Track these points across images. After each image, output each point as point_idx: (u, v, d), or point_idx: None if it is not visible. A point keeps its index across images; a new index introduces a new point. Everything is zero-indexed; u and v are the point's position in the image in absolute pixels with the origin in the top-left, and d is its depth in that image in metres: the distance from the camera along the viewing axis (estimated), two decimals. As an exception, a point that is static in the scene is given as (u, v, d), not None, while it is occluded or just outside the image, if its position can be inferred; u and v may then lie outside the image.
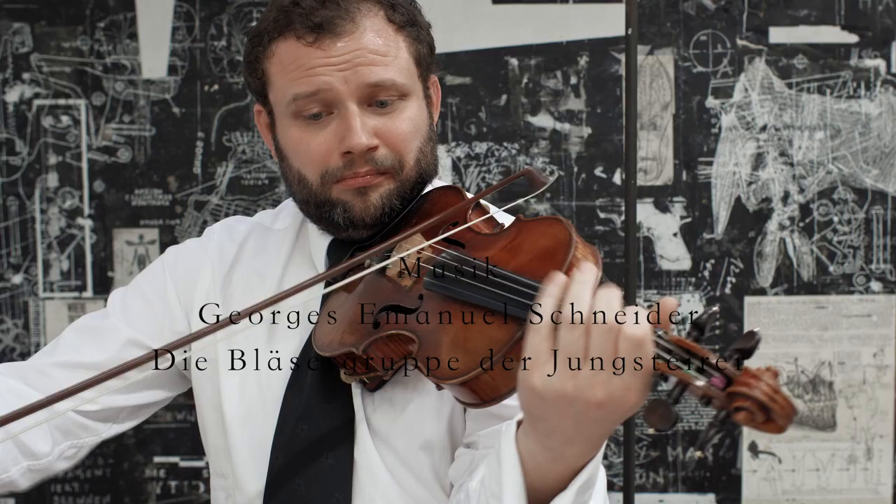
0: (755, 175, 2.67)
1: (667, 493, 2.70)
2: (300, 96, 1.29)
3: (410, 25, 1.34)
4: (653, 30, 2.65)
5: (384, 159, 1.31)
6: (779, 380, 0.95)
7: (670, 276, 2.69)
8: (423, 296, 1.21)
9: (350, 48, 1.28)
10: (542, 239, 1.17)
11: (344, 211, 1.32)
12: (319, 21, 1.28)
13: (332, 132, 1.30)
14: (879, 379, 2.69)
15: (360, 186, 1.31)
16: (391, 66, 1.30)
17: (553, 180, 1.18)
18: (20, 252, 2.68)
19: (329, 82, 1.27)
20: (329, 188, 1.32)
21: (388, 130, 1.31)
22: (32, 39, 2.65)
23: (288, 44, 1.30)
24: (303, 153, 1.32)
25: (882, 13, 2.64)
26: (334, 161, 1.30)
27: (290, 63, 1.30)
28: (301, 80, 1.28)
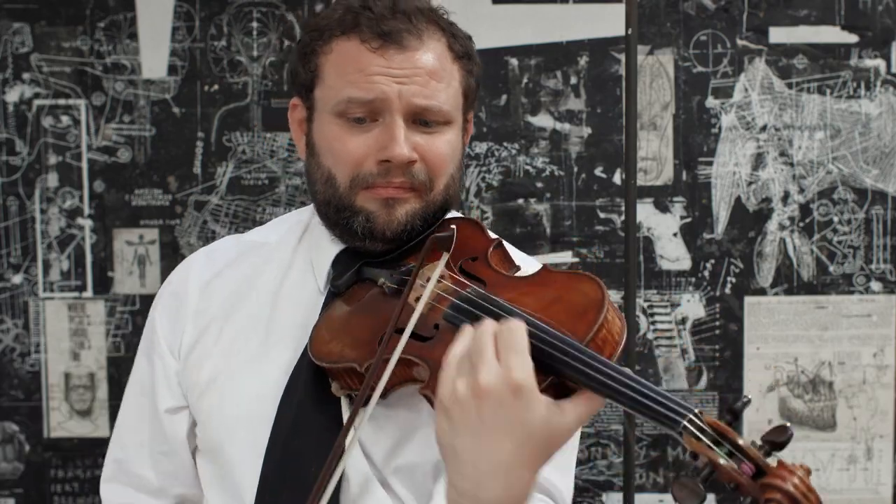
0: (755, 175, 2.67)
1: (667, 493, 2.70)
2: (354, 100, 1.29)
3: (467, 58, 1.37)
4: (653, 30, 2.65)
5: (419, 175, 1.31)
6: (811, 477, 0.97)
7: (670, 276, 2.69)
8: (440, 326, 1.20)
9: (411, 64, 1.29)
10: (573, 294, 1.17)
11: (366, 220, 1.32)
12: (388, 30, 1.29)
13: (374, 138, 1.30)
14: (879, 379, 2.69)
15: (389, 198, 1.31)
16: (442, 93, 1.31)
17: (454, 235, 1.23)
18: (20, 252, 2.68)
19: (385, 91, 1.28)
20: (356, 193, 1.32)
21: (428, 149, 1.31)
22: (32, 39, 2.65)
23: (351, 44, 1.31)
24: (338, 151, 1.32)
25: (882, 13, 2.64)
26: (369, 166, 1.30)
27: (349, 64, 1.31)
28: (359, 83, 1.29)
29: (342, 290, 1.34)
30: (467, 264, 1.26)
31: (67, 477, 2.70)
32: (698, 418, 1.00)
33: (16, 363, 2.69)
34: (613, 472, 2.68)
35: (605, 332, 1.10)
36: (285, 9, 2.65)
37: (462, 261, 1.28)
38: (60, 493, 2.71)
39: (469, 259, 1.27)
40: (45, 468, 2.71)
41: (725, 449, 0.99)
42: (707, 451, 0.98)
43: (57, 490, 2.71)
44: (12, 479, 2.70)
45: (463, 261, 1.28)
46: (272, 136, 2.67)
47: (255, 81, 2.66)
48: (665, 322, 2.69)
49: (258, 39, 2.66)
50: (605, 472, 2.70)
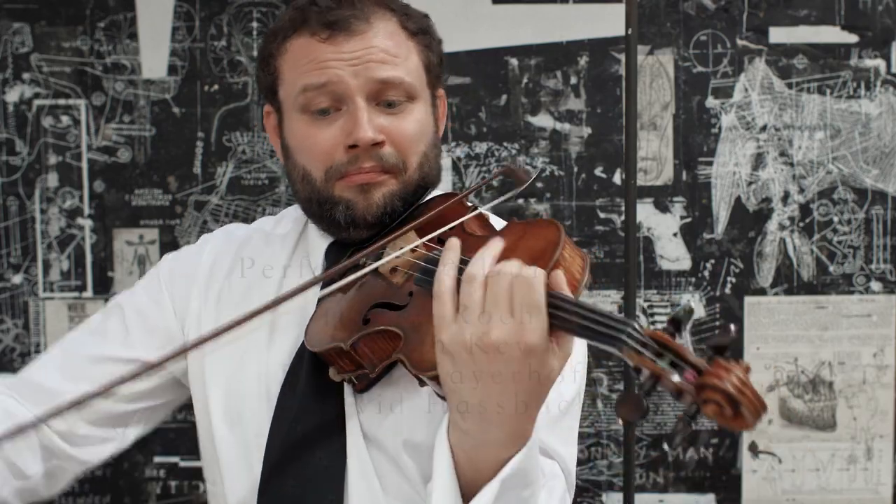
0: (755, 175, 2.67)
1: (667, 493, 2.70)
2: (310, 87, 1.31)
3: (423, 33, 1.38)
4: (653, 30, 2.65)
5: (389, 157, 1.32)
6: (749, 374, 0.94)
7: (670, 276, 2.69)
8: (413, 293, 1.22)
9: (362, 46, 1.31)
10: (532, 240, 1.18)
11: (346, 209, 1.33)
12: (335, 19, 1.31)
13: (339, 127, 1.31)
14: (879, 379, 2.69)
15: (364, 183, 1.32)
16: (401, 66, 1.32)
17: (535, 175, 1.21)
18: (20, 252, 2.68)
19: (339, 75, 1.30)
20: (332, 185, 1.33)
21: (394, 129, 1.32)
22: (32, 39, 2.65)
23: (302, 40, 1.33)
24: (308, 148, 1.34)
25: (882, 13, 2.64)
26: (339, 156, 1.32)
27: (301, 57, 1.33)
28: (312, 72, 1.31)
29: (334, 279, 1.35)
30: (444, 234, 1.27)
31: (67, 477, 2.70)
32: (638, 331, 1.00)
33: (16, 363, 2.68)
34: (613, 472, 2.68)
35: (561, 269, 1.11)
36: (285, 9, 2.65)
37: (441, 232, 1.29)
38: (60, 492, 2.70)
39: (447, 229, 1.29)
40: (45, 468, 2.70)
41: (667, 359, 0.98)
42: (649, 364, 0.98)
43: (57, 490, 2.70)
44: (12, 479, 2.70)
45: (441, 232, 1.29)
46: (272, 136, 2.67)
47: (255, 81, 2.66)
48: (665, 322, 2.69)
49: (258, 39, 2.66)
50: (605, 472, 2.70)
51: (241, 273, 1.47)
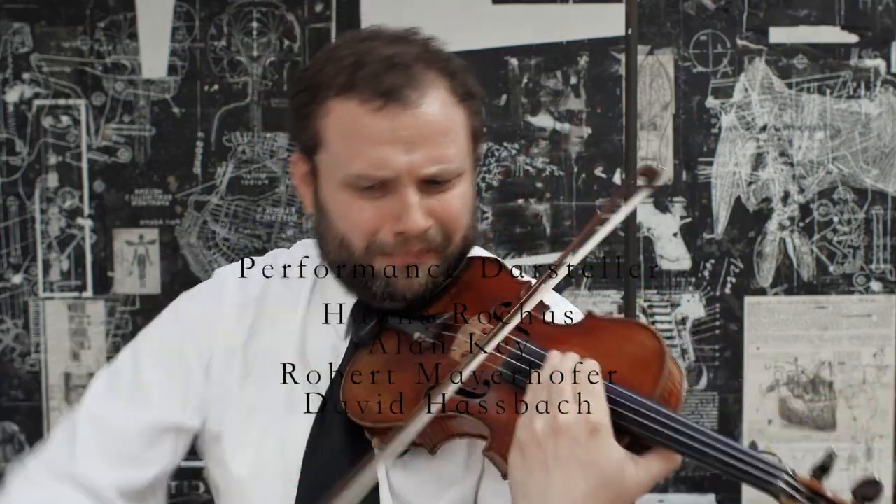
0: (755, 175, 2.67)
1: (667, 493, 2.70)
2: (365, 178, 1.23)
3: (470, 98, 1.30)
4: (653, 30, 2.65)
5: (435, 237, 1.27)
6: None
7: (670, 276, 2.69)
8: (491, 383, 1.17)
9: (416, 123, 1.23)
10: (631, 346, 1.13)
11: (386, 285, 1.27)
12: (387, 88, 1.22)
13: (388, 208, 1.24)
14: (879, 379, 2.69)
15: (409, 264, 1.27)
16: (451, 148, 1.26)
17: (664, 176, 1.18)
18: (20, 252, 2.68)
19: (395, 167, 1.22)
20: (373, 258, 1.27)
21: (441, 210, 1.26)
22: (32, 39, 2.65)
23: (349, 106, 1.24)
24: (352, 220, 1.27)
25: (882, 13, 2.64)
26: (384, 235, 1.25)
27: (352, 132, 1.24)
28: (366, 157, 1.23)
29: (366, 341, 1.30)
30: (501, 310, 1.22)
31: (67, 477, 2.70)
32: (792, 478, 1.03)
33: (16, 363, 2.68)
34: (613, 472, 2.68)
35: (669, 385, 1.09)
36: (285, 9, 2.65)
37: (494, 306, 1.24)
38: None
39: (502, 305, 1.23)
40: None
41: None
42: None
43: (57, 490, 2.70)
44: (12, 479, 2.70)
45: (496, 307, 1.24)
46: (272, 136, 2.67)
47: (255, 81, 2.66)
48: (665, 322, 2.69)
49: (258, 39, 2.66)
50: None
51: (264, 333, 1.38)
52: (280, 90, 2.66)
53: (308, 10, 2.65)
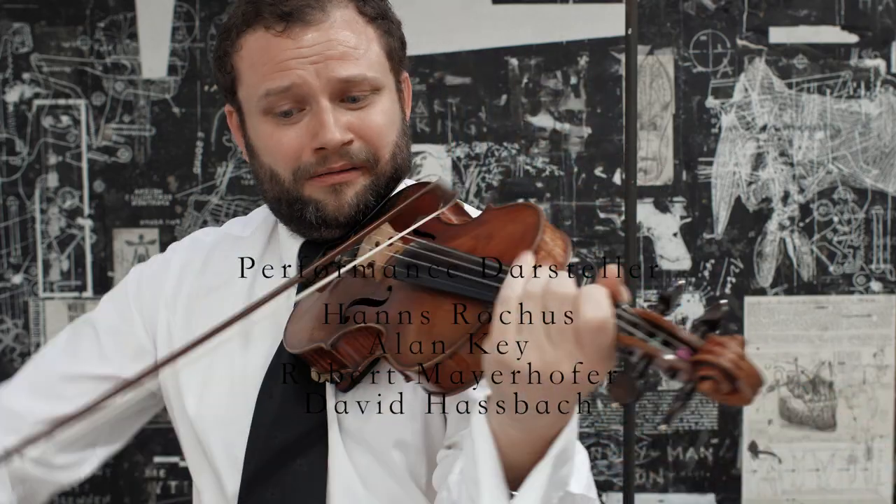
0: (755, 175, 2.67)
1: (667, 493, 2.70)
2: (272, 92, 1.26)
3: (381, 18, 1.32)
4: (653, 30, 2.65)
5: (359, 153, 1.28)
6: (745, 348, 0.92)
7: (670, 276, 2.69)
8: (392, 287, 1.20)
9: (321, 39, 1.25)
10: (510, 224, 1.15)
11: (316, 210, 1.29)
12: (289, 10, 1.25)
13: (305, 128, 1.27)
14: (879, 379, 2.69)
15: (335, 184, 1.28)
16: (362, 60, 1.27)
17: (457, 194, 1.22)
18: (20, 252, 2.68)
19: (302, 76, 1.25)
20: (301, 185, 1.29)
21: (361, 124, 1.28)
22: (32, 39, 2.65)
23: (257, 35, 1.28)
24: (274, 149, 1.30)
25: (882, 13, 2.64)
26: (307, 157, 1.28)
27: (259, 56, 1.27)
28: (273, 74, 1.26)
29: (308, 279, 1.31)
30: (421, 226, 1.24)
31: (67, 477, 2.70)
32: (627, 311, 0.97)
33: (16, 363, 2.68)
34: (613, 473, 2.68)
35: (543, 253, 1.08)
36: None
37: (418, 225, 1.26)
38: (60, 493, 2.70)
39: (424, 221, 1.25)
40: (45, 468, 2.70)
41: (660, 338, 0.94)
42: (641, 344, 0.94)
43: (57, 490, 2.70)
44: (12, 479, 2.70)
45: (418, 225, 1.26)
46: (272, 136, 2.67)
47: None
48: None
49: (258, 39, 2.66)
50: (605, 472, 2.70)
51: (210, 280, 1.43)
52: (280, 90, 2.66)
53: (308, 10, 2.65)
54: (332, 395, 1.29)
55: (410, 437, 1.28)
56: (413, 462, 1.28)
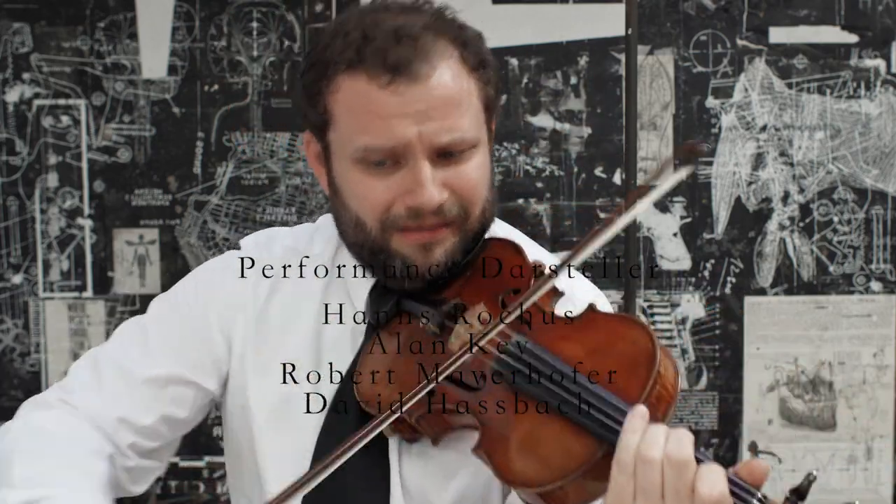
0: (755, 175, 2.67)
1: (667, 493, 2.70)
2: (371, 148, 1.20)
3: (482, 67, 1.27)
4: (653, 30, 2.65)
5: (451, 209, 1.23)
6: None
7: (670, 276, 2.69)
8: (486, 377, 1.15)
9: (425, 96, 1.19)
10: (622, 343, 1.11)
11: (405, 264, 1.25)
12: (395, 62, 1.19)
13: (399, 181, 1.21)
14: (879, 379, 2.69)
15: (426, 242, 1.24)
16: (464, 119, 1.22)
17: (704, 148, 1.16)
18: (20, 252, 2.68)
19: (405, 137, 1.19)
20: (389, 236, 1.24)
21: (457, 181, 1.23)
22: (32, 39, 2.65)
23: (357, 82, 1.21)
24: (363, 197, 1.24)
25: (882, 13, 2.64)
26: (397, 210, 1.22)
27: (360, 107, 1.21)
28: (374, 130, 1.20)
29: (382, 323, 1.29)
30: (509, 298, 1.20)
31: (67, 477, 2.70)
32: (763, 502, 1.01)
33: (16, 363, 2.69)
34: (613, 472, 2.68)
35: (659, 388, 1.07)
36: (285, 9, 2.65)
37: (503, 293, 1.22)
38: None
39: (511, 291, 1.21)
40: (45, 468, 2.70)
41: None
42: None
43: (57, 490, 2.70)
44: (12, 479, 2.70)
45: (504, 293, 1.22)
46: (272, 136, 2.67)
47: (255, 81, 2.66)
48: (665, 322, 2.69)
49: (258, 39, 2.66)
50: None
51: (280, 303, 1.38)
52: (280, 90, 2.66)
53: (308, 10, 2.65)
54: (395, 448, 1.26)
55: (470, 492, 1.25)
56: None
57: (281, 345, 1.35)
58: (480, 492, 1.26)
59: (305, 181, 2.66)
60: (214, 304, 1.37)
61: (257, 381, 1.35)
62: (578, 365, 1.10)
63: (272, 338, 1.35)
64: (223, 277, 1.40)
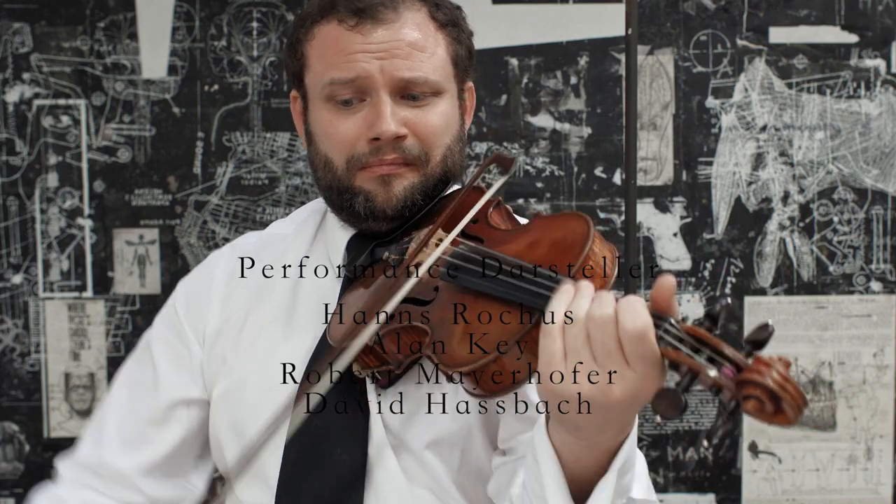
0: (755, 175, 2.67)
1: (667, 493, 2.70)
2: (337, 80, 1.31)
3: (452, 25, 1.37)
4: (653, 30, 2.65)
5: (411, 149, 1.32)
6: (790, 370, 0.94)
7: (670, 276, 2.69)
8: (439, 288, 1.21)
9: (389, 37, 1.30)
10: (560, 232, 1.17)
11: (366, 200, 1.32)
12: (363, 6, 1.30)
13: (363, 118, 1.31)
14: (879, 379, 2.69)
15: (385, 174, 1.31)
16: (427, 62, 1.32)
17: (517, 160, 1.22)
18: (20, 252, 2.68)
19: (366, 69, 1.29)
20: (353, 174, 1.33)
21: (417, 121, 1.32)
22: (32, 39, 2.65)
23: (329, 27, 1.32)
24: (331, 136, 1.33)
25: (882, 13, 2.64)
26: (361, 146, 1.31)
27: (329, 46, 1.32)
28: (340, 64, 1.30)
29: (357, 273, 1.35)
30: (469, 227, 1.26)
31: (67, 477, 2.70)
32: (675, 326, 0.98)
33: (16, 363, 2.69)
34: (613, 472, 2.68)
35: (591, 264, 1.10)
36: (285, 9, 2.65)
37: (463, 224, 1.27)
38: None
39: (471, 222, 1.27)
40: (45, 468, 2.70)
41: (705, 355, 0.96)
42: (687, 360, 0.96)
43: (57, 490, 2.70)
44: (12, 479, 2.70)
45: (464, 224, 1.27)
46: (272, 136, 2.67)
47: (255, 81, 2.66)
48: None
49: (258, 39, 2.66)
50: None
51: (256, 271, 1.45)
52: (280, 90, 2.66)
53: (308, 10, 2.65)
54: (373, 391, 1.30)
55: (449, 436, 1.29)
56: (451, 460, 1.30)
57: (254, 310, 1.41)
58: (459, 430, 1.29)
59: (305, 181, 2.66)
60: (187, 316, 1.45)
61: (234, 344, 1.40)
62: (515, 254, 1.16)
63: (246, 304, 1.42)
64: (186, 287, 1.49)
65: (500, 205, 1.35)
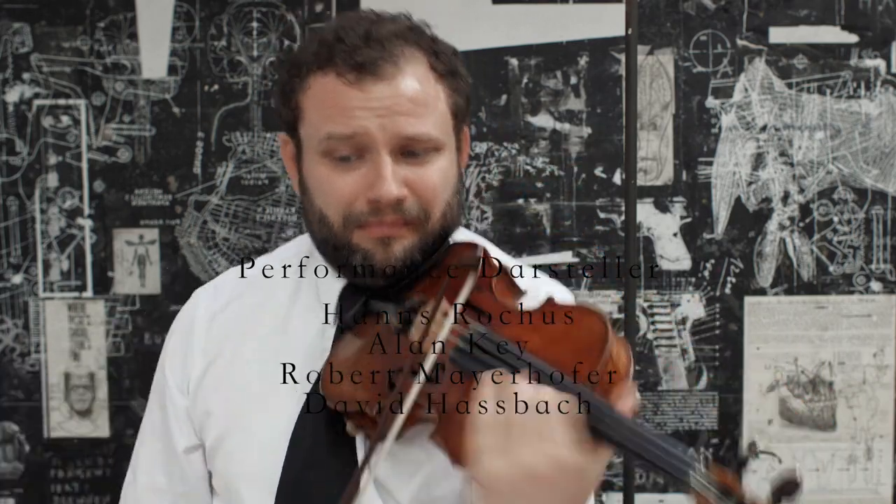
0: (755, 175, 2.67)
1: (667, 494, 2.70)
2: (334, 136, 1.26)
3: (451, 76, 1.33)
4: (653, 30, 2.65)
5: (411, 209, 1.28)
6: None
7: (670, 276, 2.69)
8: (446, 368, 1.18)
9: (390, 93, 1.25)
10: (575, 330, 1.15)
11: (364, 258, 1.29)
12: (362, 61, 1.25)
13: (362, 176, 1.27)
14: (879, 379, 2.69)
15: (384, 236, 1.28)
16: (428, 119, 1.28)
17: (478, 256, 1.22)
18: (20, 252, 2.68)
19: (365, 127, 1.25)
20: (351, 232, 1.29)
21: (418, 181, 1.28)
22: (32, 39, 2.65)
23: (327, 80, 1.27)
24: (327, 192, 1.29)
25: (882, 13, 2.64)
26: (360, 205, 1.27)
27: (327, 100, 1.27)
28: (338, 119, 1.26)
29: (350, 324, 1.32)
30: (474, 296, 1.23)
31: (67, 477, 2.70)
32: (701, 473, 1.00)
33: (16, 363, 2.69)
34: (613, 473, 2.68)
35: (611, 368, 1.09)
36: (285, 9, 2.65)
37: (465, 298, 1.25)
38: (60, 493, 2.71)
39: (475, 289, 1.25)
40: (45, 468, 2.71)
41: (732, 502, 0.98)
42: None
43: (57, 490, 2.71)
44: (12, 480, 2.70)
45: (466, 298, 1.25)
46: (272, 136, 2.67)
47: (255, 81, 2.66)
48: (665, 322, 2.69)
49: (258, 39, 2.66)
50: (605, 472, 2.70)
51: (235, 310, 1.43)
52: (280, 90, 2.66)
53: (308, 10, 2.65)
54: (363, 446, 1.28)
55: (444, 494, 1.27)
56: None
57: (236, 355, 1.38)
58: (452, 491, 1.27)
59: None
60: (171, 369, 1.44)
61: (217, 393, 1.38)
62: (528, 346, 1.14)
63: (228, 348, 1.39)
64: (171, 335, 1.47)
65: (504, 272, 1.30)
